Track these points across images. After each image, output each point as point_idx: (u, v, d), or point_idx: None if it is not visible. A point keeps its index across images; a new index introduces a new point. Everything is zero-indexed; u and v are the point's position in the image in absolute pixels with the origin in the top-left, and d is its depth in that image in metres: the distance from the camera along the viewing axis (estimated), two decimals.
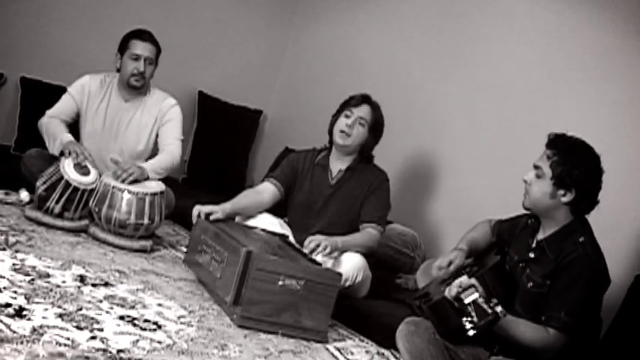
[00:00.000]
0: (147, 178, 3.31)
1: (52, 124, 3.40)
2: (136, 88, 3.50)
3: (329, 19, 4.97)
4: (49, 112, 3.47)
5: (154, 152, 3.57)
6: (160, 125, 3.56)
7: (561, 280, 2.22)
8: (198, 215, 2.97)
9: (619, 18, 3.21)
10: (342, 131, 3.19)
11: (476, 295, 2.11)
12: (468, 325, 2.08)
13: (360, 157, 3.27)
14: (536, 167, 2.32)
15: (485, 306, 2.08)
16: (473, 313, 2.07)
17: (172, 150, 3.50)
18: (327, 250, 2.88)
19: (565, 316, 2.17)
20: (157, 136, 3.57)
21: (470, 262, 2.54)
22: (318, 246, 2.86)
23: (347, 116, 3.21)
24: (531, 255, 2.35)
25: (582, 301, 2.20)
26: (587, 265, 2.21)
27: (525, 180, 2.35)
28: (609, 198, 2.40)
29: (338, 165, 3.29)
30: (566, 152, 2.26)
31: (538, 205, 2.33)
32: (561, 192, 2.27)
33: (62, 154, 3.27)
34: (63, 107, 3.49)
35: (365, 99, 3.24)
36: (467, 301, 2.11)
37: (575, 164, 2.24)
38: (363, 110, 3.21)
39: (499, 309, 2.08)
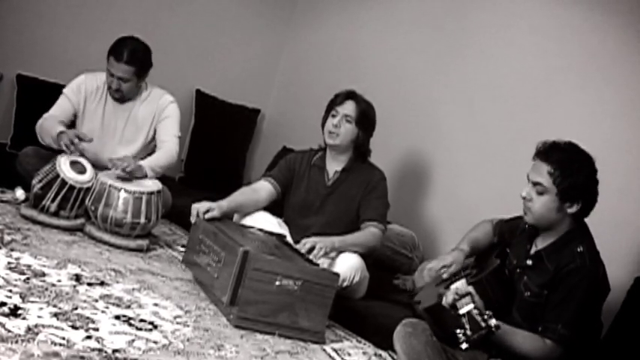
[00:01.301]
0: (145, 176, 3.29)
1: (47, 122, 3.36)
2: (114, 99, 3.48)
3: (327, 18, 4.96)
4: (45, 116, 3.42)
5: (152, 149, 3.56)
6: (158, 122, 3.55)
7: (559, 291, 2.20)
8: (197, 215, 2.95)
9: (619, 20, 3.21)
10: (330, 132, 3.21)
11: (471, 307, 2.05)
12: (461, 338, 2.02)
13: (355, 154, 3.27)
14: (535, 184, 2.24)
15: (478, 318, 2.02)
16: (467, 326, 2.02)
17: (169, 147, 3.49)
18: (323, 251, 2.87)
19: (562, 329, 2.16)
20: (154, 132, 3.56)
21: (470, 263, 2.52)
22: (313, 248, 2.86)
23: (333, 116, 3.23)
24: (529, 262, 2.32)
25: (580, 313, 2.18)
26: (585, 277, 2.18)
27: (524, 197, 2.27)
28: (609, 200, 2.39)
29: (334, 166, 3.28)
30: (566, 163, 2.20)
31: (544, 221, 2.28)
32: (568, 204, 2.22)
33: (60, 150, 3.24)
34: (59, 110, 3.45)
35: (349, 95, 3.24)
36: (461, 311, 2.05)
37: (576, 175, 2.19)
38: (347, 107, 3.21)
39: (493, 322, 2.02)
